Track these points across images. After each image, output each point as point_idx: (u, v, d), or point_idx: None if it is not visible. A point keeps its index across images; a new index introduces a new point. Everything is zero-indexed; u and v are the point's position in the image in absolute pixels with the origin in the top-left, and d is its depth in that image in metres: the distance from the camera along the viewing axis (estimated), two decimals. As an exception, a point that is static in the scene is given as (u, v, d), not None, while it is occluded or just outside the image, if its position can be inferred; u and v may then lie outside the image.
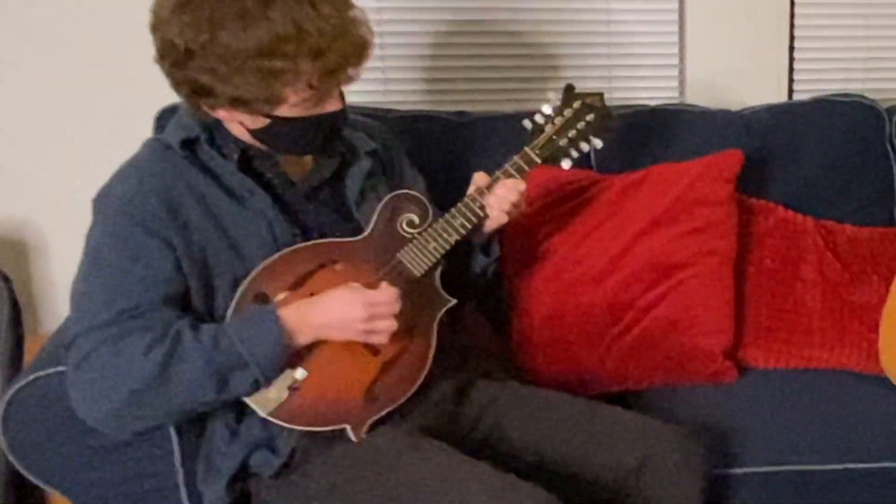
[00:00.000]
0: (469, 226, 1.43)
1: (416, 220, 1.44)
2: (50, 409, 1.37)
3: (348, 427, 1.35)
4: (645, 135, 1.88)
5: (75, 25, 1.80)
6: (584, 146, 1.55)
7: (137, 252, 1.30)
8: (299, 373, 1.34)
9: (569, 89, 1.55)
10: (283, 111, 1.33)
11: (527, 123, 1.53)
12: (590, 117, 1.55)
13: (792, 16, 2.08)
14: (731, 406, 1.62)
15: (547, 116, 1.54)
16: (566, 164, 1.53)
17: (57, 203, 1.85)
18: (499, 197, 1.46)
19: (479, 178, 1.49)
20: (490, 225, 1.50)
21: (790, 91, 2.09)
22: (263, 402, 1.33)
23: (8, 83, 1.84)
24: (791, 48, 2.10)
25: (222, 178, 1.37)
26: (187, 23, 1.24)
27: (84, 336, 1.29)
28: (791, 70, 2.11)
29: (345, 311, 1.33)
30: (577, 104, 1.54)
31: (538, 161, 1.49)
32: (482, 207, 1.45)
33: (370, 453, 1.34)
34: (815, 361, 1.76)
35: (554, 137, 1.52)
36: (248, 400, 1.33)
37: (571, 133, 1.53)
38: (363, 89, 1.98)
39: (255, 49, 1.26)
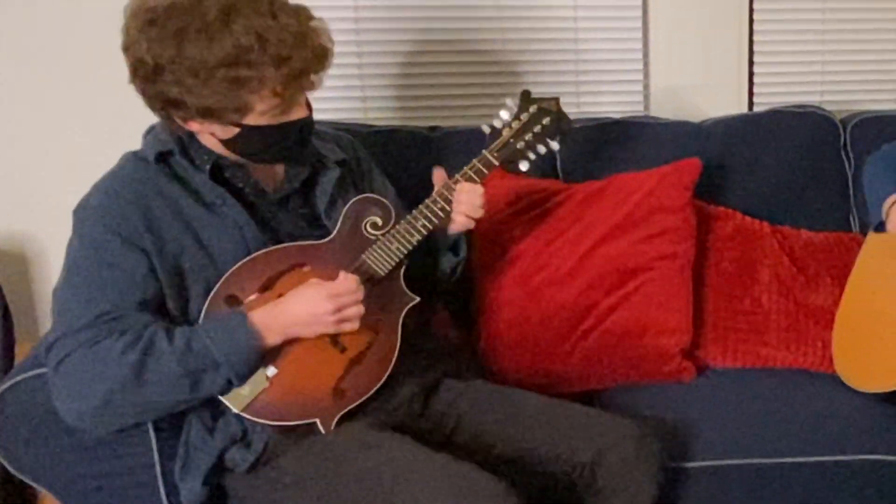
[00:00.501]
0: (430, 226, 1.47)
1: (380, 222, 1.47)
2: (33, 409, 1.39)
3: (318, 421, 1.38)
4: (609, 145, 1.91)
5: (79, 41, 1.83)
6: (542, 149, 1.58)
7: (113, 259, 1.33)
8: (270, 370, 1.37)
9: (525, 95, 1.59)
10: (252, 119, 1.35)
11: (485, 128, 1.57)
12: (546, 121, 1.58)
13: (751, 31, 2.10)
14: (689, 403, 1.64)
15: (505, 121, 1.57)
16: (524, 165, 1.56)
17: (56, 218, 1.84)
18: (463, 202, 1.49)
19: (437, 175, 1.52)
20: (455, 228, 1.53)
21: (750, 103, 2.12)
22: (236, 400, 1.35)
23: (10, 99, 1.86)
24: (751, 62, 2.13)
25: (196, 188, 1.40)
26: (154, 39, 1.28)
27: (63, 339, 1.32)
28: (751, 83, 2.13)
29: (313, 308, 1.35)
30: (533, 109, 1.58)
31: (496, 163, 1.52)
32: (443, 208, 1.48)
33: (337, 447, 1.36)
34: (771, 360, 1.78)
35: (511, 140, 1.55)
36: (221, 397, 1.34)
37: (528, 136, 1.57)
38: (344, 107, 2.03)
39: (220, 60, 1.29)
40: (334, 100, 1.98)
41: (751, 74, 2.12)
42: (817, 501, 1.54)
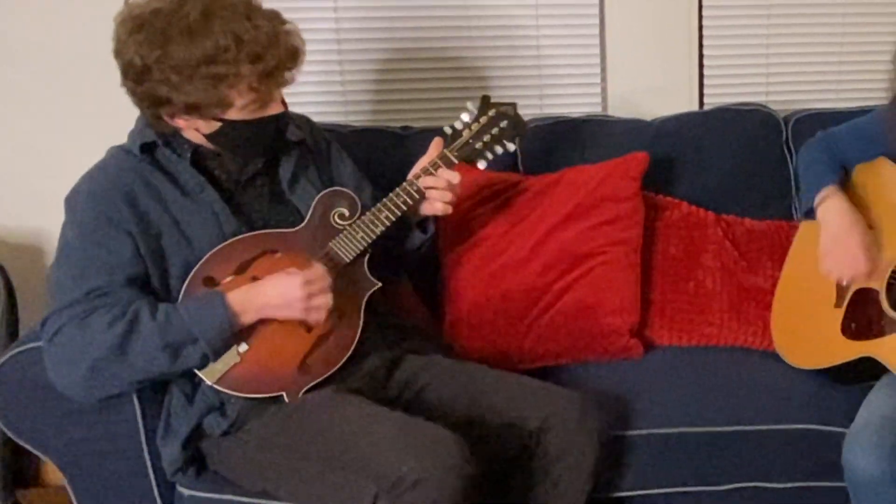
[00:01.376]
0: (393, 217, 1.52)
1: (347, 213, 1.53)
2: (29, 379, 1.44)
3: (284, 394, 1.43)
4: (568, 142, 1.96)
5: (90, 52, 1.82)
6: (498, 149, 1.64)
7: (102, 240, 1.40)
8: (242, 347, 1.42)
9: (485, 99, 1.65)
10: (232, 114, 1.42)
11: (447, 129, 1.63)
12: (503, 124, 1.63)
13: (701, 37, 2.13)
14: (636, 378, 1.69)
15: (465, 123, 1.63)
16: (482, 164, 1.62)
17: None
18: (439, 190, 1.55)
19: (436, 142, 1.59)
20: (430, 212, 1.58)
21: (701, 103, 2.15)
22: (211, 373, 1.41)
23: (29, 108, 1.92)
24: (701, 65, 2.15)
25: (176, 177, 1.47)
26: (141, 42, 1.35)
27: (56, 314, 1.39)
28: (701, 84, 2.15)
29: (286, 293, 1.41)
30: (491, 112, 1.64)
31: (455, 161, 1.58)
32: (405, 202, 1.54)
33: (301, 408, 1.42)
34: (715, 339, 1.82)
35: (470, 141, 1.61)
36: (196, 370, 1.40)
37: (486, 137, 1.62)
38: (328, 110, 2.08)
39: (201, 58, 1.36)
40: (319, 104, 2.04)
41: (701, 76, 2.15)
42: (753, 468, 1.58)
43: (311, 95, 2.03)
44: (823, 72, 2.17)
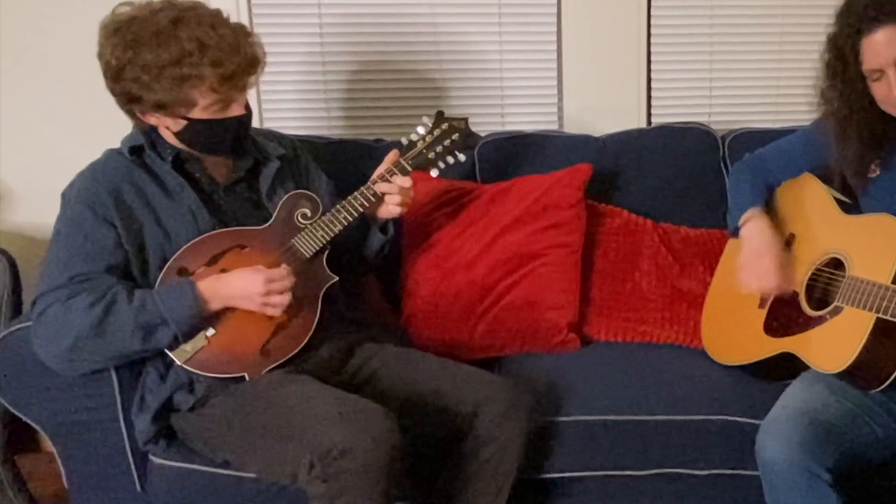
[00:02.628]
0: (350, 218, 1.59)
1: (309, 213, 1.60)
2: (22, 355, 1.51)
3: (246, 375, 1.50)
4: (522, 155, 2.02)
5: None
6: (450, 159, 1.71)
7: (88, 231, 1.48)
8: (209, 331, 1.49)
9: (439, 114, 1.73)
10: (197, 114, 1.49)
11: (404, 140, 1.71)
12: (455, 137, 1.71)
13: (649, 60, 2.21)
14: (571, 369, 1.73)
15: (420, 135, 1.70)
16: (434, 172, 1.70)
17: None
18: (392, 199, 1.63)
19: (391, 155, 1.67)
20: (385, 215, 1.66)
21: (648, 121, 2.22)
22: (180, 354, 1.48)
23: (47, 117, 1.99)
24: (649, 87, 2.23)
25: (160, 177, 1.54)
26: (116, 44, 1.44)
27: (44, 296, 1.46)
28: (649, 104, 2.22)
29: (248, 287, 1.48)
30: (444, 126, 1.71)
31: (409, 169, 1.65)
32: (362, 204, 1.61)
33: (257, 387, 1.49)
34: (649, 336, 1.87)
35: (424, 151, 1.68)
36: (168, 351, 1.47)
37: (438, 148, 1.70)
38: (313, 125, 2.16)
39: (167, 61, 1.44)
40: (306, 119, 2.14)
41: (649, 97, 2.22)
42: (674, 455, 1.61)
43: (300, 110, 2.14)
44: (762, 94, 2.24)
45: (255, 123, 2.09)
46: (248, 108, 1.55)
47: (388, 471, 1.33)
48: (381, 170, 1.65)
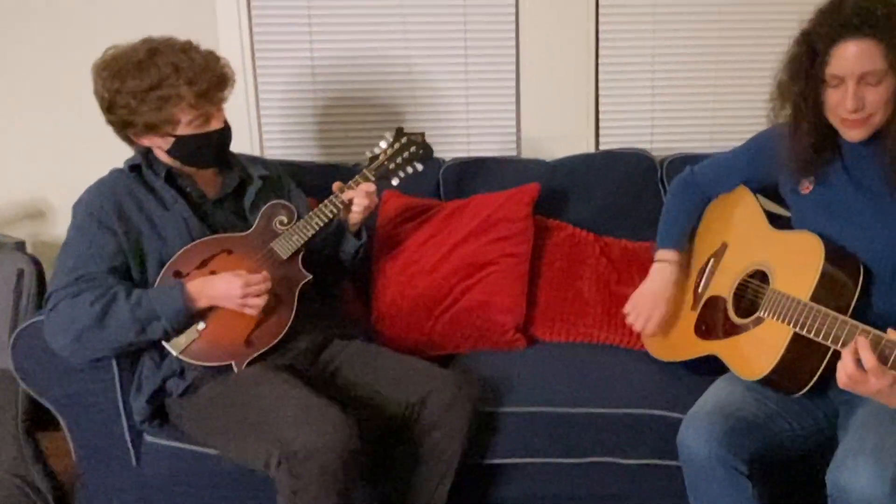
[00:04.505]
0: (321, 223, 1.70)
1: (286, 220, 1.71)
2: (38, 343, 1.62)
3: (233, 363, 1.61)
4: (481, 176, 2.13)
5: None
6: (409, 169, 1.82)
7: (92, 238, 1.59)
8: (201, 325, 1.61)
9: (399, 130, 1.84)
10: (181, 130, 1.60)
11: (367, 153, 1.82)
12: (413, 149, 1.83)
13: (597, 93, 2.30)
14: (517, 365, 1.80)
15: (381, 148, 1.82)
16: (395, 181, 1.81)
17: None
18: (358, 203, 1.73)
19: (335, 185, 1.78)
20: (354, 219, 1.75)
21: (597, 147, 2.30)
22: (175, 345, 1.60)
23: (89, 130, 1.99)
24: (597, 116, 2.32)
25: (156, 191, 1.65)
26: (106, 78, 1.58)
27: (55, 294, 1.58)
28: (597, 132, 2.32)
29: (229, 289, 1.58)
30: (404, 140, 1.83)
31: (372, 179, 1.77)
32: (332, 211, 1.71)
33: (240, 380, 1.59)
34: (589, 337, 1.93)
35: (385, 163, 1.80)
36: (165, 344, 1.58)
37: (399, 160, 1.81)
38: (307, 151, 2.28)
39: (149, 85, 1.56)
40: (302, 147, 2.28)
41: (597, 125, 2.31)
42: (607, 445, 1.66)
43: (290, 139, 2.28)
44: (698, 123, 2.35)
45: (256, 149, 2.29)
46: (226, 123, 1.66)
47: (347, 471, 1.44)
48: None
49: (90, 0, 2.15)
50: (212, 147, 1.65)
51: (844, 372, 1.27)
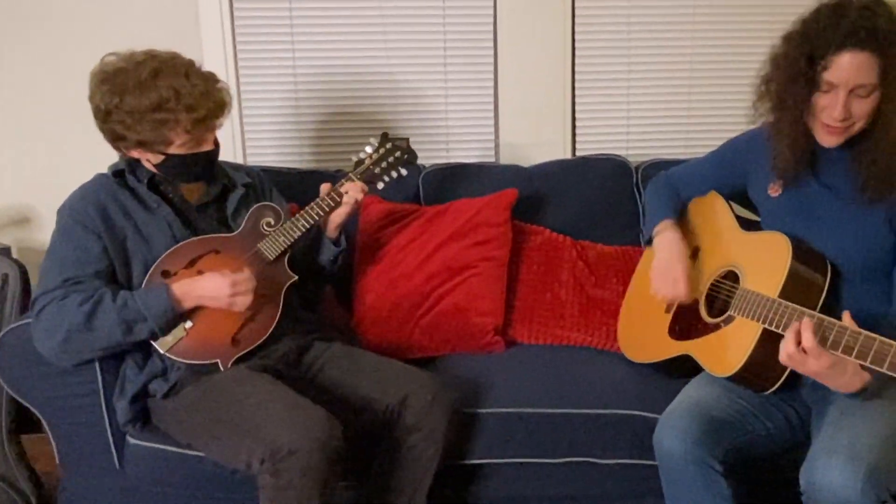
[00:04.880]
0: (307, 225, 1.72)
1: (272, 221, 1.73)
2: (22, 347, 1.63)
3: (219, 361, 1.62)
4: (461, 182, 2.15)
5: None
6: (394, 174, 1.85)
7: (77, 241, 1.60)
8: (188, 324, 1.62)
9: (384, 135, 1.87)
10: (173, 150, 1.62)
11: (354, 157, 1.84)
12: (397, 154, 1.85)
13: (574, 101, 2.34)
14: (495, 367, 1.82)
15: (367, 153, 1.84)
16: (380, 185, 1.83)
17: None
18: (350, 196, 1.74)
19: (323, 187, 1.79)
20: (337, 220, 1.76)
21: (574, 154, 2.34)
22: (163, 344, 1.62)
23: (65, 146, 2.13)
24: (573, 124, 2.35)
25: (140, 196, 1.66)
26: (105, 91, 1.57)
27: (41, 297, 1.58)
28: (574, 139, 2.36)
29: (216, 288, 1.60)
30: (388, 145, 1.86)
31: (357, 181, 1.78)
32: (318, 213, 1.73)
33: (223, 381, 1.60)
34: (566, 339, 1.95)
35: (371, 167, 1.83)
36: (152, 342, 1.59)
37: (384, 164, 1.84)
38: (289, 158, 2.31)
39: (148, 107, 1.56)
40: (282, 153, 2.30)
41: (573, 132, 2.34)
42: (584, 445, 1.68)
43: (273, 146, 2.30)
44: (672, 130, 2.39)
45: (239, 156, 2.31)
46: (216, 143, 1.67)
47: (329, 470, 1.45)
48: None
49: (77, 10, 2.17)
50: (199, 167, 1.66)
51: (785, 351, 1.33)
